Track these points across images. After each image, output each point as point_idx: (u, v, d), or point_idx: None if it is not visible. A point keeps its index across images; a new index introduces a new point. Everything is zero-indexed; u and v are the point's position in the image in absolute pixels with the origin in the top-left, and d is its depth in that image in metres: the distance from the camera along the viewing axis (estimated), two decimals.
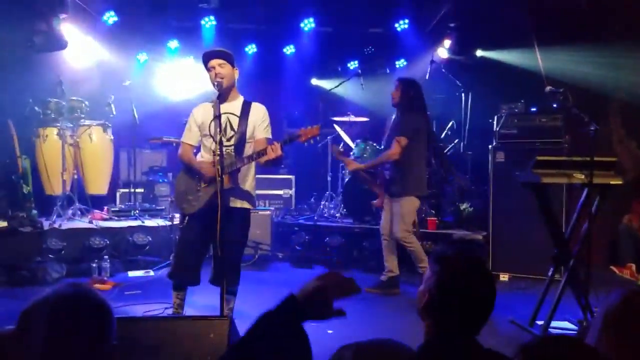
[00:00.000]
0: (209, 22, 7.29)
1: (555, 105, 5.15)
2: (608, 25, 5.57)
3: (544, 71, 5.80)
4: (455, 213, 5.98)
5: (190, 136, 3.51)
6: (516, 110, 5.41)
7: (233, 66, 3.39)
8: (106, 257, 5.06)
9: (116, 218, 5.87)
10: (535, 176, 3.63)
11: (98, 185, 6.13)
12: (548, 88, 3.80)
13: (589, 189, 3.66)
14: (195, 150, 3.59)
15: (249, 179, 3.45)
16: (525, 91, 5.59)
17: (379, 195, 5.13)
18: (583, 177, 3.56)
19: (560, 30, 5.86)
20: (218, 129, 3.10)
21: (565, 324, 3.74)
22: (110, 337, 1.18)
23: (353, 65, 7.94)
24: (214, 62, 3.33)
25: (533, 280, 4.97)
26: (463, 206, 5.95)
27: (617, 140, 5.79)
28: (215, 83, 3.31)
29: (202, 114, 3.44)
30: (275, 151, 3.14)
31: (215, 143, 3.05)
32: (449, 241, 5.44)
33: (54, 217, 5.43)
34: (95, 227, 5.44)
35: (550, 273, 3.87)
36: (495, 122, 5.48)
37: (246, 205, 3.44)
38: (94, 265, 4.88)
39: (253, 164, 3.40)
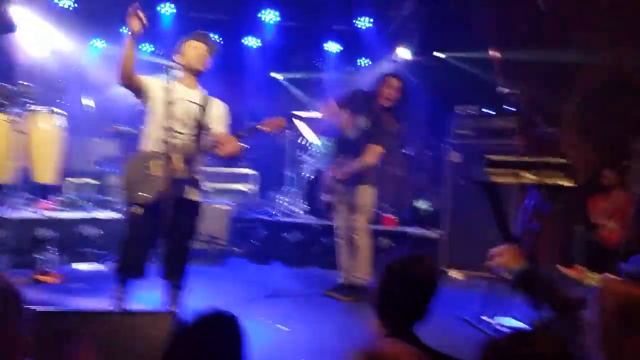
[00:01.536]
0: (168, 10, 7.06)
1: (509, 108, 5.25)
2: (566, 28, 5.70)
3: (501, 73, 5.90)
4: (413, 211, 6.04)
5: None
6: (471, 112, 5.50)
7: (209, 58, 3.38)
8: (53, 248, 4.87)
9: (65, 209, 5.64)
10: (485, 175, 3.69)
11: (46, 173, 5.85)
12: (502, 90, 3.87)
13: (539, 189, 3.73)
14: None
15: (199, 170, 3.39)
16: (481, 93, 5.68)
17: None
18: (533, 177, 3.63)
19: (519, 33, 5.97)
20: (167, 114, 3.03)
21: (510, 321, 3.82)
22: (17, 324, 1.09)
23: (317, 61, 7.91)
24: (195, 44, 3.32)
25: (487, 278, 5.05)
26: (420, 204, 6.02)
27: (569, 145, 5.94)
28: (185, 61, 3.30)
29: (159, 85, 3.26)
30: (230, 144, 3.15)
31: (165, 128, 2.97)
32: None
33: None
34: (41, 217, 5.21)
35: (500, 271, 3.93)
36: (451, 123, 5.54)
37: (197, 197, 3.39)
38: (39, 256, 4.69)
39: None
